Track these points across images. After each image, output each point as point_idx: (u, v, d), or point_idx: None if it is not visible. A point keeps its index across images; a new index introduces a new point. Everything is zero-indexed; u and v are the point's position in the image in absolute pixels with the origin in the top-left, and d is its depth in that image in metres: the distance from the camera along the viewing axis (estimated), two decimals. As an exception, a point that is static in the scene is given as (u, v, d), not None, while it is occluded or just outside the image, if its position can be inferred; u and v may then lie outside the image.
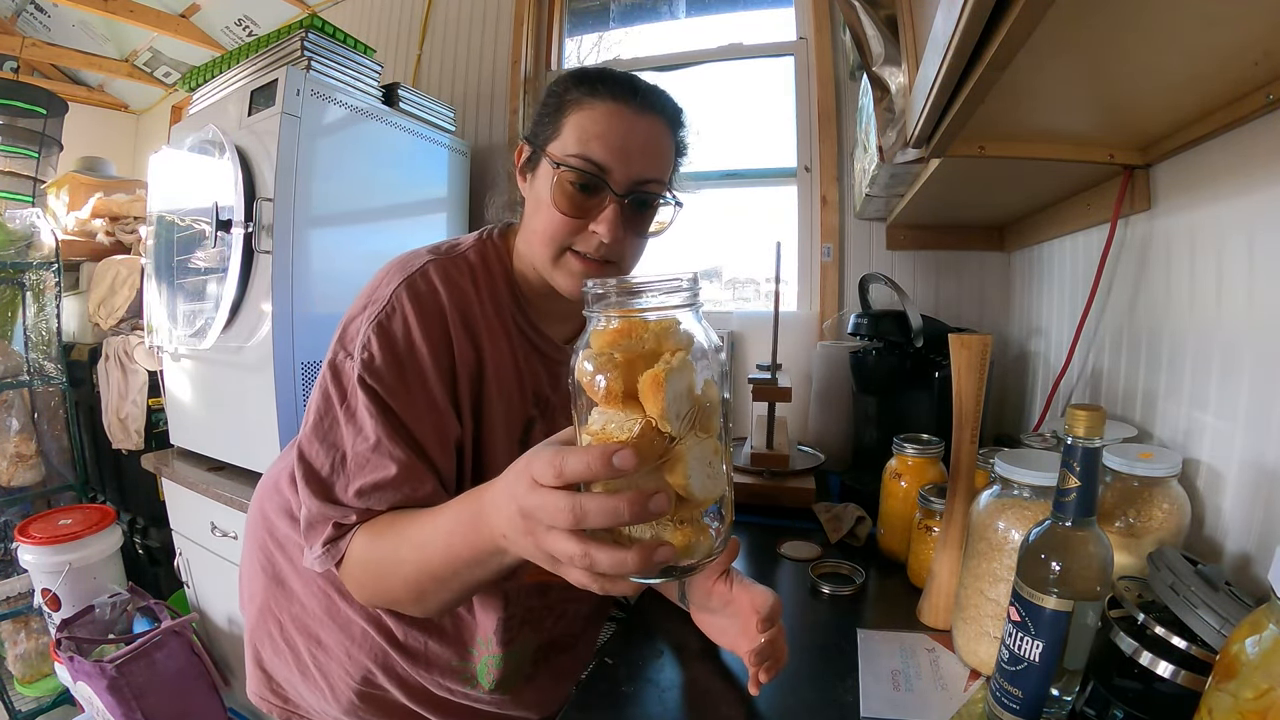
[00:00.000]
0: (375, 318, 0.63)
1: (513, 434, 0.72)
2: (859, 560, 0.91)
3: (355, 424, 0.62)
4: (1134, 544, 0.62)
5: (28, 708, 1.83)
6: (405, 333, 0.63)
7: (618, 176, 0.65)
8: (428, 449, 0.63)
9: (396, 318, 0.63)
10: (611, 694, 0.63)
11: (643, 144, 0.66)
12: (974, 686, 0.62)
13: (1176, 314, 0.78)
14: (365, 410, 0.61)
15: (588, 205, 0.65)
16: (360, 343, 0.62)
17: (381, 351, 0.62)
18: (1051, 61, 0.55)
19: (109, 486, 2.20)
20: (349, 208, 1.48)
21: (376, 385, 0.61)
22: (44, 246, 2.06)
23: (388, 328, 0.63)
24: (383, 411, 0.61)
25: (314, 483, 0.62)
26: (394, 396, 0.62)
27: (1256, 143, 0.63)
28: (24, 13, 2.66)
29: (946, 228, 1.52)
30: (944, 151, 0.78)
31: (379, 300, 0.64)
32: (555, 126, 0.66)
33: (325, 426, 0.63)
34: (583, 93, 0.65)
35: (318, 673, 0.76)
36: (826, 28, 1.66)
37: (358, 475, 0.61)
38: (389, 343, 0.62)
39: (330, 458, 0.62)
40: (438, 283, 0.66)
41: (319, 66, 1.41)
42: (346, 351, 0.63)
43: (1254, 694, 0.35)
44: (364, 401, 0.61)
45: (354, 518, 0.61)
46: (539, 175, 0.68)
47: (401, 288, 0.64)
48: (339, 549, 0.61)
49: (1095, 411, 0.47)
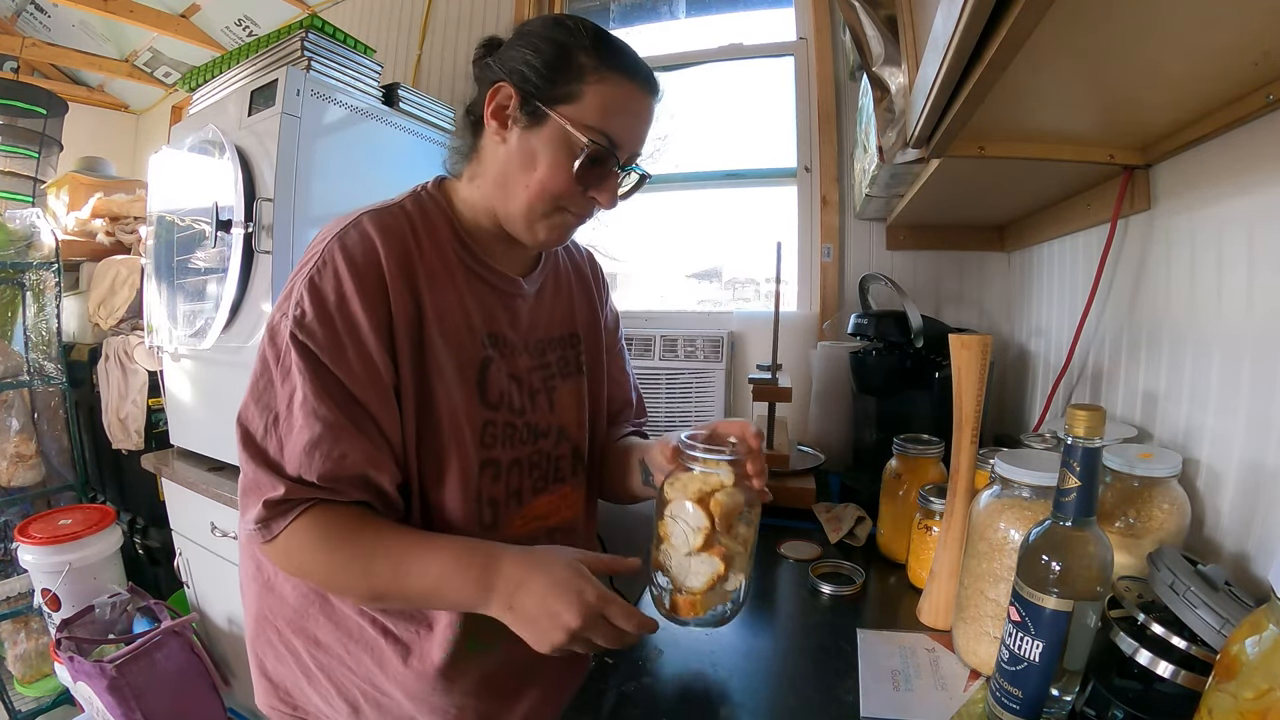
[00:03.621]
0: (308, 275, 0.63)
1: (466, 375, 0.71)
2: (859, 560, 0.91)
3: (289, 383, 0.62)
4: (1134, 544, 0.62)
5: (28, 708, 1.83)
6: (336, 286, 0.63)
7: (624, 154, 0.68)
8: (365, 402, 0.63)
9: (327, 272, 0.63)
10: (612, 694, 0.63)
11: (645, 125, 0.71)
12: (974, 686, 0.62)
13: (1176, 314, 0.78)
14: (297, 369, 0.61)
15: (593, 174, 0.68)
16: (294, 301, 0.63)
17: (313, 307, 0.62)
18: (1051, 62, 0.55)
19: (109, 486, 2.20)
20: (349, 208, 1.46)
21: (308, 341, 0.61)
22: (44, 246, 2.06)
23: (319, 284, 0.63)
24: (315, 368, 0.61)
25: (249, 446, 0.63)
26: (326, 352, 0.62)
27: (1256, 143, 0.63)
28: (24, 13, 2.66)
29: (947, 228, 1.52)
30: (944, 152, 0.78)
31: (312, 258, 0.65)
32: (570, 89, 0.65)
33: (260, 388, 0.64)
34: (606, 64, 0.66)
35: (321, 674, 0.75)
36: (826, 28, 1.66)
37: (289, 436, 0.61)
38: (319, 299, 0.62)
39: (264, 419, 0.63)
40: (372, 232, 0.65)
41: (319, 67, 1.41)
42: (281, 311, 0.64)
43: (1254, 694, 0.35)
44: (296, 360, 0.61)
45: (283, 490, 0.61)
46: (543, 134, 0.66)
47: (333, 242, 0.64)
48: (272, 529, 0.62)
49: (1095, 411, 0.47)
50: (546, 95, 0.66)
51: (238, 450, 0.63)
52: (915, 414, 1.16)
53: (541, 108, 0.66)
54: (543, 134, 0.66)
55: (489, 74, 0.70)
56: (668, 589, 0.66)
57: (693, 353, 1.72)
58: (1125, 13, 0.47)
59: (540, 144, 0.66)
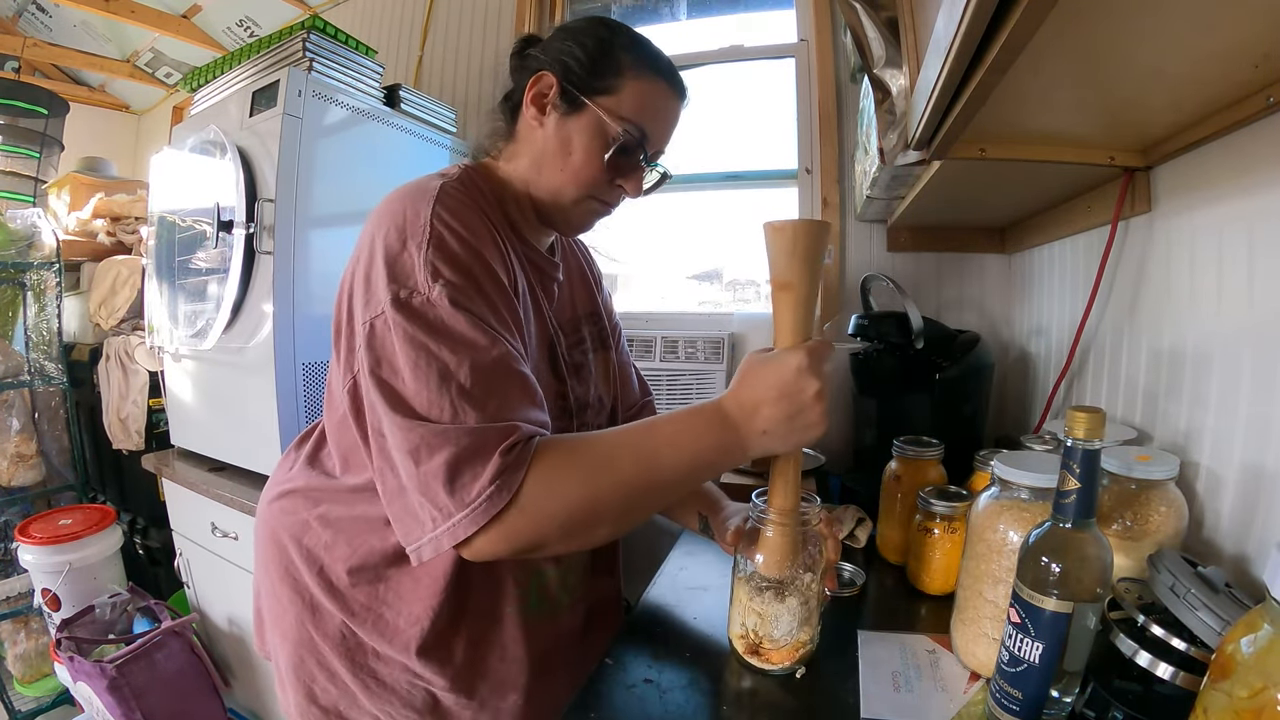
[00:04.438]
0: (429, 244, 0.59)
1: (542, 353, 0.74)
2: (859, 562, 0.91)
3: (466, 347, 0.57)
4: (1131, 546, 0.62)
5: (27, 708, 1.83)
6: (466, 249, 0.60)
7: (652, 148, 0.73)
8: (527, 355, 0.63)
9: (450, 237, 0.60)
10: (612, 693, 0.63)
11: (673, 128, 0.76)
12: (974, 688, 0.62)
13: (1177, 316, 0.78)
14: (471, 329, 0.57)
15: (623, 164, 0.72)
16: (427, 273, 0.58)
17: (456, 274, 0.58)
18: (1052, 64, 0.55)
19: (109, 487, 2.20)
20: (350, 209, 1.48)
21: (470, 305, 0.58)
22: (45, 246, 2.07)
23: (449, 248, 0.59)
24: (485, 329, 0.58)
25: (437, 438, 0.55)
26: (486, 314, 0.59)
27: (1257, 145, 0.63)
28: (25, 13, 2.67)
29: (947, 229, 1.52)
30: (945, 154, 0.78)
31: (421, 229, 0.60)
32: (609, 83, 0.69)
33: (426, 370, 0.56)
34: (644, 63, 0.71)
35: (379, 687, 0.71)
36: (828, 30, 1.66)
37: (490, 395, 0.56)
38: (457, 263, 0.59)
39: (446, 398, 0.56)
40: (464, 199, 0.64)
41: (320, 67, 1.41)
42: (409, 289, 0.58)
43: (1248, 693, 0.35)
44: (465, 324, 0.57)
45: (512, 437, 0.55)
46: (581, 122, 0.70)
47: (438, 209, 0.61)
48: (513, 482, 0.54)
49: (1095, 413, 0.47)
50: (586, 85, 0.69)
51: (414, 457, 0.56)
52: (915, 415, 1.16)
53: (580, 97, 0.69)
54: (580, 122, 0.70)
55: (530, 64, 0.73)
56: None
57: (693, 354, 1.73)
58: (1126, 15, 0.47)
59: (576, 131, 0.70)
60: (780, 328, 0.61)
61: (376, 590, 0.71)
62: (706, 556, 0.95)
